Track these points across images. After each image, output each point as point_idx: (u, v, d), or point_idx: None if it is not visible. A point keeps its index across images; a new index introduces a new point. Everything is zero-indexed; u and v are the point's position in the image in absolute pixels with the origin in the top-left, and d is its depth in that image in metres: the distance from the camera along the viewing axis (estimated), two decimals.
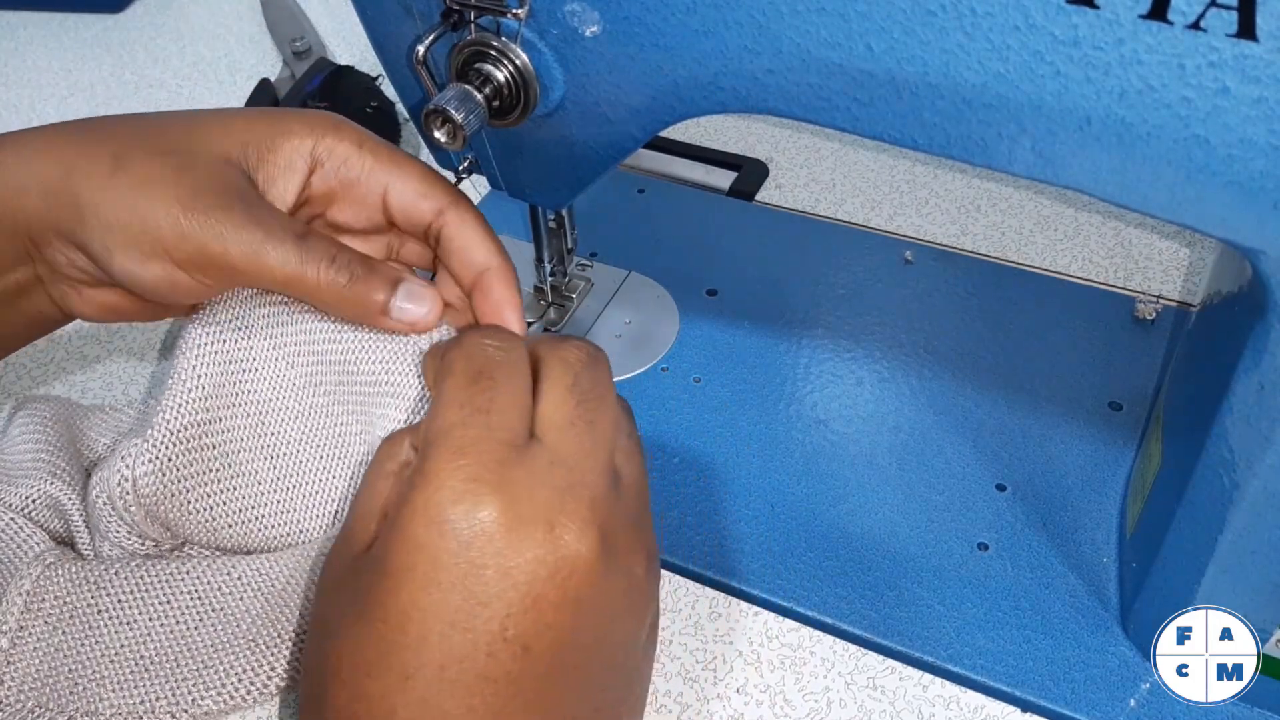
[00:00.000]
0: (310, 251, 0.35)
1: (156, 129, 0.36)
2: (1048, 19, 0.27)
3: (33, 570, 0.39)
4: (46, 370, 0.56)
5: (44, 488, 0.42)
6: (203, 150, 0.36)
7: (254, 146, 0.37)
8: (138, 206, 0.34)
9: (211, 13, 0.87)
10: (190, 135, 0.36)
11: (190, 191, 0.34)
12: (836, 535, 0.46)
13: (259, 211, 0.35)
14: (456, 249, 0.39)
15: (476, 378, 0.32)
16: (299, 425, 0.40)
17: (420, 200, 0.39)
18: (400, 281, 0.37)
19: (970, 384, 0.51)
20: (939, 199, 0.64)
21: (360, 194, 0.39)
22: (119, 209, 0.34)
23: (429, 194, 0.39)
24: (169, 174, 0.34)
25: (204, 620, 0.39)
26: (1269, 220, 0.28)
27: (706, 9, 0.32)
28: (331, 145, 0.38)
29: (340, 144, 0.38)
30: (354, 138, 0.38)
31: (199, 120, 0.37)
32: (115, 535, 0.40)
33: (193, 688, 0.37)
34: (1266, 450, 0.32)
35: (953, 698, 0.41)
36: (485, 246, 0.39)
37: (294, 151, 0.37)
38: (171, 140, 0.36)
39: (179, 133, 0.36)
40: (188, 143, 0.36)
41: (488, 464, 0.30)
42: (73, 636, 0.39)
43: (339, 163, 0.38)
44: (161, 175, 0.34)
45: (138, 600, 0.39)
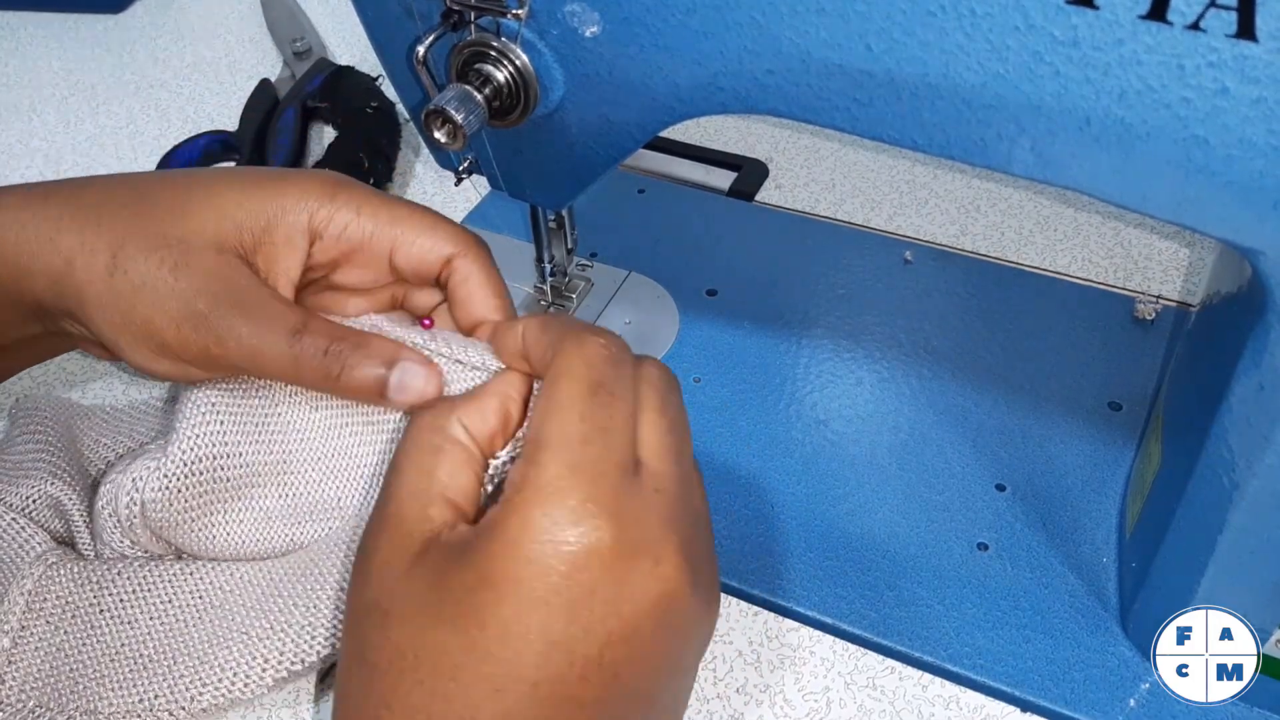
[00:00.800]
0: (304, 349, 0.35)
1: (149, 211, 0.36)
2: (1047, 19, 0.27)
3: (35, 570, 0.39)
4: (47, 370, 0.56)
5: (45, 488, 0.42)
6: (196, 240, 0.35)
7: (248, 229, 0.36)
8: (137, 311, 0.35)
9: (211, 13, 0.87)
10: (184, 221, 0.35)
11: (187, 298, 0.34)
12: (836, 535, 0.46)
13: (254, 310, 0.35)
14: (459, 300, 0.39)
15: (596, 389, 0.31)
16: (319, 465, 0.40)
17: (426, 255, 0.38)
18: (395, 363, 0.36)
19: (970, 384, 0.52)
20: (939, 199, 0.64)
21: (365, 258, 0.38)
22: (120, 313, 0.35)
23: (434, 246, 0.38)
24: (165, 276, 0.34)
25: (202, 617, 0.39)
26: (1268, 220, 0.28)
27: (706, 10, 0.32)
28: (329, 214, 0.37)
29: (338, 212, 0.37)
30: (351, 202, 0.37)
31: (191, 201, 0.36)
32: (117, 544, 0.40)
33: (190, 684, 0.37)
34: (1266, 450, 0.32)
35: (952, 697, 0.41)
36: (487, 303, 0.38)
37: (291, 228, 0.36)
38: (164, 229, 0.35)
39: (171, 218, 0.35)
40: (181, 232, 0.35)
41: (605, 487, 0.29)
42: (74, 636, 0.39)
43: (339, 230, 0.37)
44: (158, 278, 0.34)
45: (139, 600, 0.39)
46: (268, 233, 0.36)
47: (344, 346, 0.35)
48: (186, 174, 0.38)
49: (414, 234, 0.38)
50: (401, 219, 0.38)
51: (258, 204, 0.36)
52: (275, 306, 0.36)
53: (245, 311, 0.35)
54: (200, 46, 0.83)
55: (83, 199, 0.36)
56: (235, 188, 0.37)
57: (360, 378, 0.35)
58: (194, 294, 0.34)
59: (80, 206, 0.36)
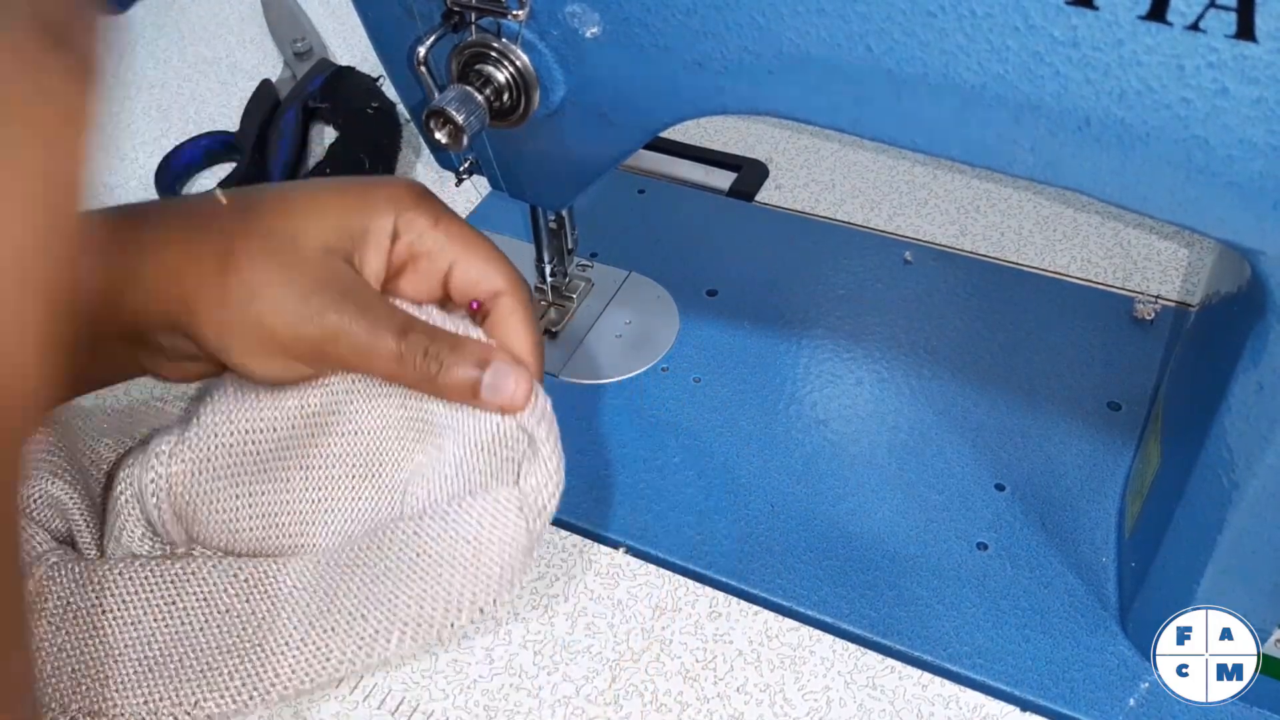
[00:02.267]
0: (410, 347, 0.37)
1: (255, 216, 0.37)
2: (1047, 20, 0.27)
3: (36, 570, 0.39)
4: None
5: (45, 487, 0.42)
6: (304, 242, 0.36)
7: (349, 232, 0.37)
8: (250, 310, 0.35)
9: (212, 13, 0.87)
10: (289, 224, 0.37)
11: (301, 295, 0.35)
12: (836, 535, 0.46)
13: (366, 309, 0.37)
14: (497, 336, 0.40)
15: None
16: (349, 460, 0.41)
17: (479, 282, 0.40)
18: (489, 363, 0.38)
19: (969, 384, 0.52)
20: (938, 199, 0.64)
21: (426, 268, 0.39)
22: (233, 313, 0.35)
23: (489, 278, 0.39)
24: (277, 275, 0.35)
25: (209, 622, 0.39)
26: (1268, 221, 0.28)
27: (707, 10, 0.32)
28: (411, 219, 0.38)
29: (418, 218, 0.39)
30: (430, 214, 0.39)
31: (293, 204, 0.37)
32: (128, 538, 0.40)
33: (195, 689, 0.37)
34: (1265, 450, 0.32)
35: (952, 697, 0.41)
36: (522, 346, 0.40)
37: (380, 232, 0.38)
38: (272, 232, 0.36)
39: (277, 222, 0.37)
40: (288, 233, 0.36)
41: None
42: (76, 636, 0.39)
43: (414, 236, 0.39)
44: (270, 278, 0.35)
45: (142, 600, 0.39)
46: (364, 236, 0.38)
47: (441, 347, 0.37)
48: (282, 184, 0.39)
49: (474, 258, 0.39)
50: (467, 240, 0.39)
51: (355, 209, 0.38)
52: (384, 306, 0.37)
53: (359, 309, 0.36)
54: (201, 47, 0.83)
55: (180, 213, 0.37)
56: (333, 192, 0.38)
57: (456, 378, 0.37)
58: (309, 291, 0.35)
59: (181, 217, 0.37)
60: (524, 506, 0.38)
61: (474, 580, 0.38)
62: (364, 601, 0.38)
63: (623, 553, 0.46)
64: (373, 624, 0.38)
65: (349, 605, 0.38)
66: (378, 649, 0.38)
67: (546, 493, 0.38)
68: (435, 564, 0.38)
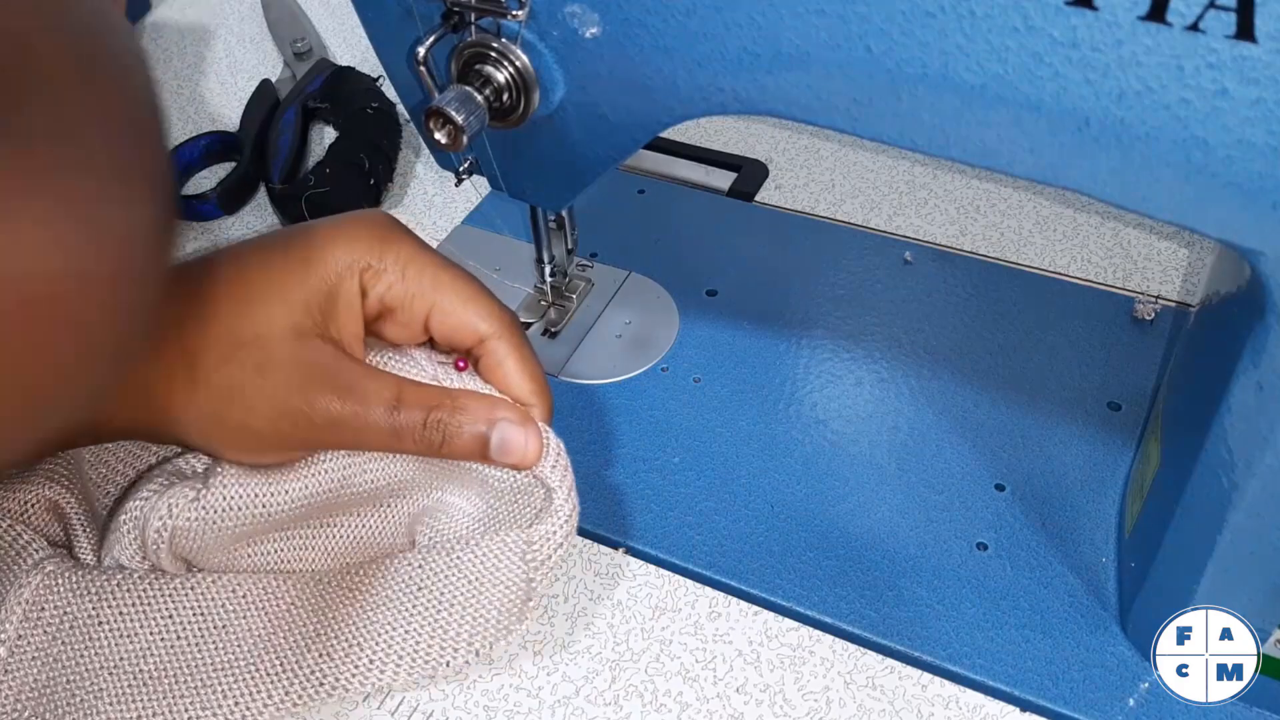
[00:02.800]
0: (403, 423, 0.35)
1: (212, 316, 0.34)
2: (1046, 20, 0.27)
3: (32, 578, 0.39)
4: None
5: (43, 492, 0.41)
6: (270, 333, 0.34)
7: (314, 306, 0.35)
8: (229, 418, 0.34)
9: (212, 13, 0.87)
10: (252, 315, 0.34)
11: (279, 396, 0.34)
12: (836, 535, 0.46)
13: (350, 391, 0.34)
14: (494, 381, 0.38)
15: None
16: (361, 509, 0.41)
17: (461, 328, 0.37)
18: (495, 422, 0.36)
19: (969, 384, 0.52)
20: (938, 199, 0.64)
21: (404, 318, 0.37)
22: (211, 422, 0.34)
23: (471, 323, 0.37)
24: (250, 379, 0.34)
25: (205, 638, 0.38)
26: (1268, 221, 0.28)
27: (706, 11, 0.32)
28: (376, 273, 0.36)
29: (385, 271, 0.36)
30: (398, 263, 0.36)
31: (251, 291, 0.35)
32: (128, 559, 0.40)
33: (190, 705, 0.37)
34: (1265, 451, 0.32)
35: (952, 697, 0.41)
36: (521, 388, 0.38)
37: (349, 293, 0.36)
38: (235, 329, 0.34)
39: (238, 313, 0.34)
40: (252, 327, 0.34)
41: None
42: (72, 647, 0.38)
43: (383, 290, 0.36)
44: (243, 383, 0.34)
45: (139, 613, 0.39)
46: (331, 302, 0.35)
47: (441, 414, 0.35)
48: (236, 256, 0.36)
49: (453, 304, 0.37)
50: (443, 285, 0.37)
51: (316, 278, 0.35)
52: (368, 383, 0.35)
53: (343, 395, 0.34)
54: (201, 47, 0.83)
55: None
56: (291, 264, 0.35)
57: (463, 444, 0.36)
58: (286, 390, 0.34)
59: None
60: (527, 556, 0.38)
61: (471, 621, 0.38)
62: (362, 629, 0.38)
63: (622, 553, 0.46)
64: (369, 653, 0.38)
65: (347, 631, 0.38)
66: (372, 678, 0.38)
67: (552, 543, 0.38)
68: (435, 600, 0.38)
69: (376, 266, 0.36)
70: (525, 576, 0.38)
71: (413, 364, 0.38)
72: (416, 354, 0.39)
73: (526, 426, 0.36)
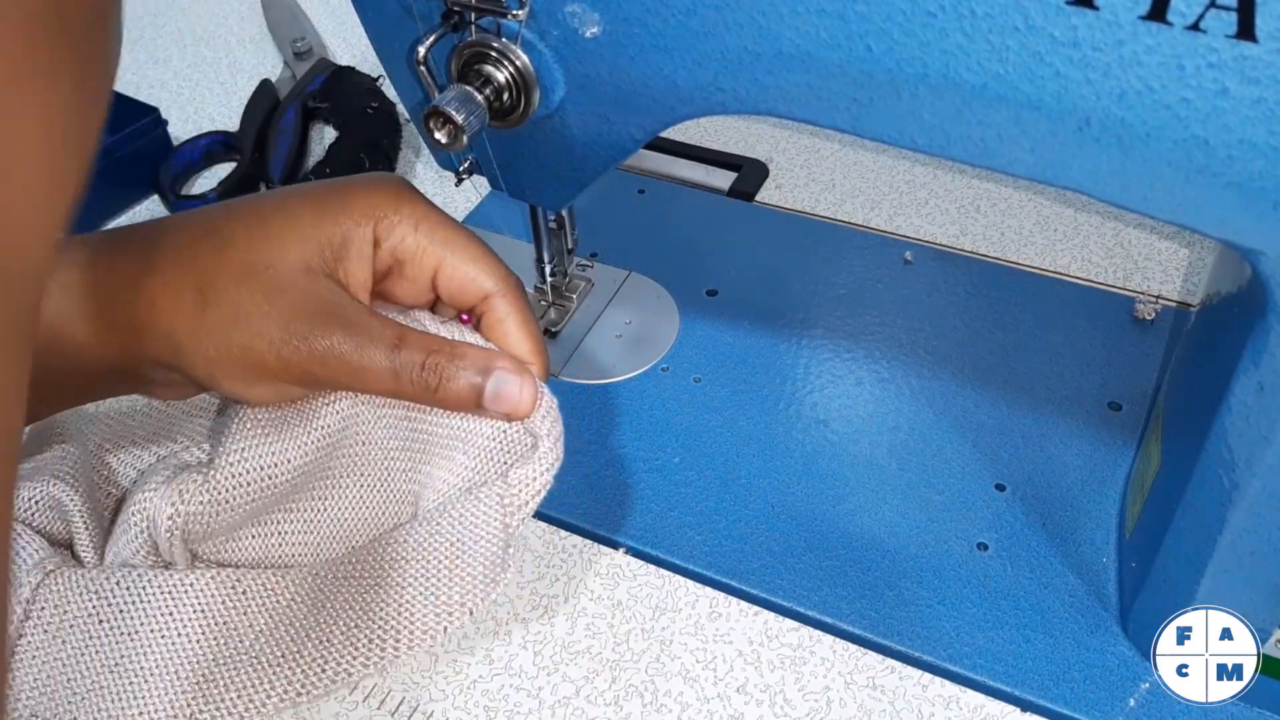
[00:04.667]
0: (403, 362, 0.36)
1: (229, 246, 0.35)
2: (1047, 20, 0.27)
3: (32, 578, 0.39)
4: None
5: (47, 489, 0.41)
6: (282, 265, 0.35)
7: (329, 246, 0.36)
8: (234, 341, 0.35)
9: (212, 13, 0.87)
10: (266, 250, 0.35)
11: (284, 321, 0.35)
12: (836, 535, 0.46)
13: (353, 327, 0.35)
14: (494, 339, 0.39)
15: None
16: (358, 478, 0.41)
17: (468, 284, 0.38)
18: (491, 370, 0.37)
19: (970, 384, 0.52)
20: (939, 199, 0.64)
21: (413, 272, 0.38)
22: (217, 345, 0.35)
23: (477, 280, 0.38)
24: (259, 303, 0.35)
25: (206, 634, 0.38)
26: (1268, 221, 0.28)
27: (706, 10, 0.32)
28: (390, 224, 0.37)
29: (399, 223, 0.37)
30: (412, 216, 0.38)
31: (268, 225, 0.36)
32: (128, 552, 0.40)
33: (191, 701, 0.37)
34: (1266, 450, 0.32)
35: (952, 697, 0.41)
36: (521, 346, 0.39)
37: (362, 240, 0.37)
38: (249, 258, 0.35)
39: (253, 244, 0.35)
40: (265, 257, 0.35)
41: None
42: (72, 645, 0.38)
43: (396, 242, 0.37)
44: (252, 306, 0.34)
45: (139, 611, 0.39)
46: (344, 247, 0.36)
47: (440, 359, 0.36)
48: (254, 201, 0.37)
49: (460, 260, 0.38)
50: (452, 242, 0.38)
51: (332, 221, 0.36)
52: (372, 321, 0.36)
53: (346, 327, 0.35)
54: (200, 46, 0.83)
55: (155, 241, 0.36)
56: (309, 207, 0.37)
57: (457, 390, 0.36)
58: (293, 315, 0.35)
59: (155, 248, 0.36)
60: (505, 501, 0.38)
61: (459, 583, 0.38)
62: (360, 613, 0.38)
63: (623, 553, 0.46)
64: (367, 634, 0.38)
65: (345, 617, 0.38)
66: (373, 658, 0.38)
67: (531, 489, 0.38)
68: (423, 570, 0.38)
69: (391, 218, 0.37)
70: (503, 524, 0.37)
71: (418, 321, 0.39)
72: (422, 315, 0.39)
73: (523, 377, 0.37)
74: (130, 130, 0.65)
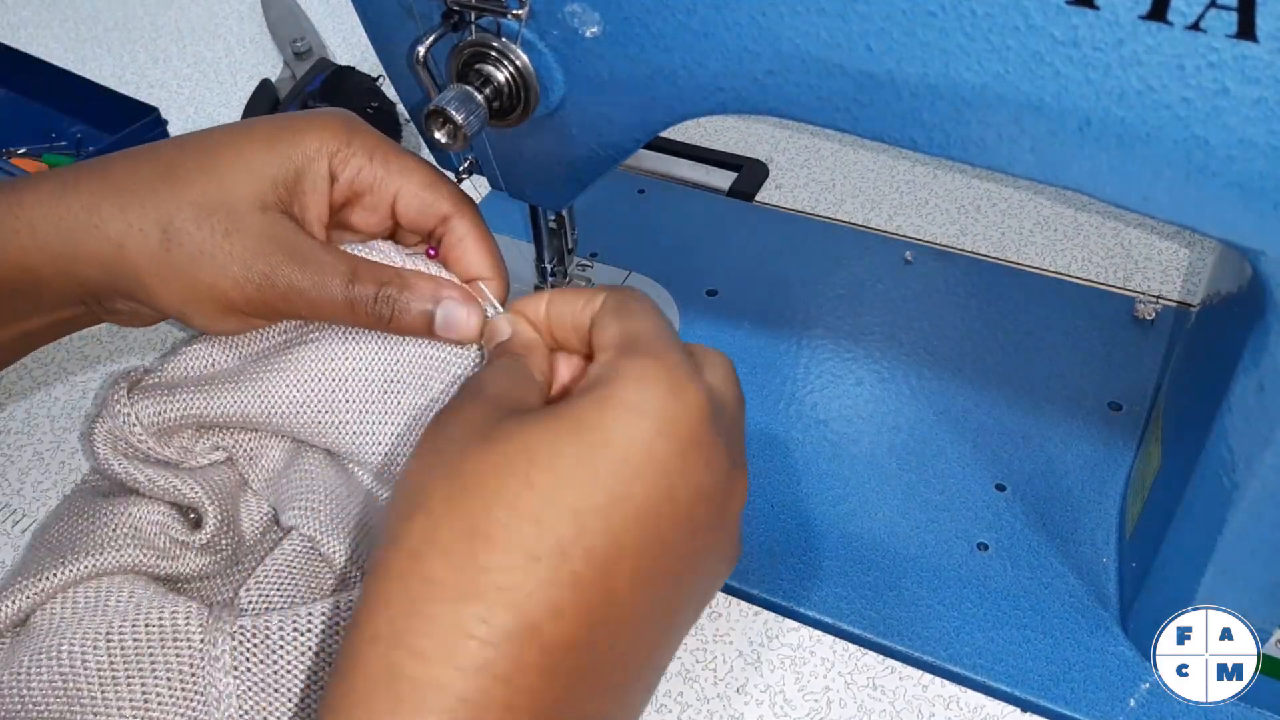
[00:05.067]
0: (357, 295, 0.37)
1: (184, 180, 0.37)
2: (1047, 20, 0.27)
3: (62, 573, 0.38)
4: (47, 371, 0.56)
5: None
6: (238, 205, 0.37)
7: (282, 183, 0.37)
8: (200, 279, 0.36)
9: (212, 13, 0.87)
10: (221, 188, 0.37)
11: (243, 259, 0.36)
12: (836, 535, 0.46)
13: (309, 263, 0.37)
14: (454, 258, 0.40)
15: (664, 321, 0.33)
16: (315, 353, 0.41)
17: (425, 209, 0.40)
18: (440, 301, 0.38)
19: (970, 384, 0.52)
20: (939, 199, 0.64)
21: (371, 202, 0.40)
22: (183, 282, 0.36)
23: (434, 202, 0.40)
24: (220, 243, 0.36)
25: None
26: (1269, 220, 0.28)
27: (707, 10, 0.32)
28: (345, 158, 0.38)
29: (353, 156, 0.39)
30: (365, 148, 0.39)
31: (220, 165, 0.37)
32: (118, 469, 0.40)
33: None
34: (1266, 450, 0.32)
35: (953, 697, 0.41)
36: (481, 260, 0.40)
37: (316, 175, 0.38)
38: (206, 200, 0.36)
39: (208, 183, 0.37)
40: (221, 196, 0.36)
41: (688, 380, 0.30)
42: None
43: (353, 174, 0.39)
44: (214, 247, 0.36)
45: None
46: (298, 183, 0.38)
47: (391, 290, 0.38)
48: (205, 136, 0.38)
49: (416, 187, 0.39)
50: (407, 170, 0.39)
51: (284, 157, 0.37)
52: (326, 258, 0.37)
53: (302, 265, 0.37)
54: (200, 46, 0.83)
55: (112, 179, 0.37)
56: (259, 143, 0.38)
57: (410, 319, 0.38)
58: (252, 255, 0.36)
59: (114, 188, 0.37)
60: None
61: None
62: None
63: None
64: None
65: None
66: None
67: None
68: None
69: (345, 152, 0.38)
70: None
71: (382, 257, 0.40)
72: (385, 247, 0.40)
73: (469, 304, 0.39)
74: (130, 130, 0.65)
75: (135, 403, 0.40)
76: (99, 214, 0.36)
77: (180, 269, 0.36)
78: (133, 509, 0.40)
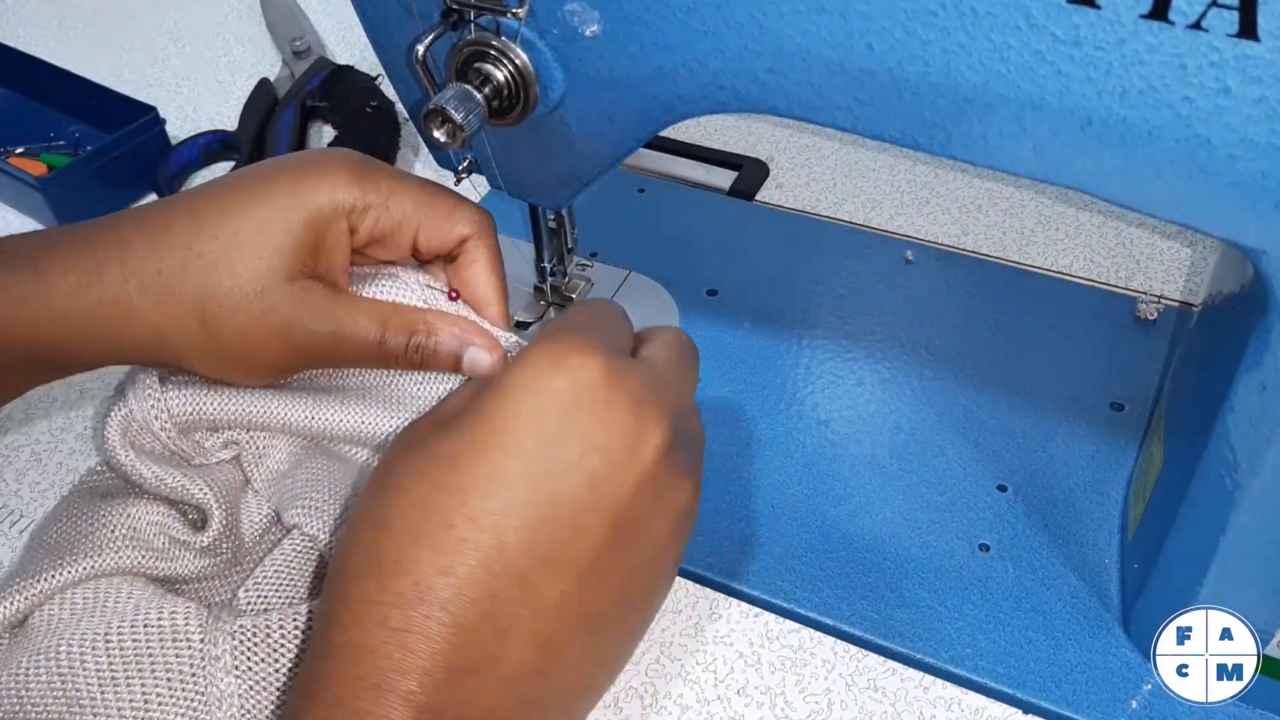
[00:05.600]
0: (390, 348, 0.39)
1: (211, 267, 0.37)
2: (1049, 19, 0.27)
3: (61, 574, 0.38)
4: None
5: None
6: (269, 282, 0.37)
7: (305, 249, 0.38)
8: (238, 355, 0.38)
9: (211, 13, 0.87)
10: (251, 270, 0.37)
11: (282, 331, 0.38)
12: (837, 536, 0.46)
13: (345, 327, 0.39)
14: (464, 279, 0.42)
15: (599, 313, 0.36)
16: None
17: (445, 239, 0.41)
18: (466, 345, 0.40)
19: (971, 384, 0.51)
20: (939, 199, 0.64)
21: (392, 243, 0.40)
22: (225, 358, 0.38)
23: (453, 229, 0.41)
24: (256, 322, 0.37)
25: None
26: (1270, 220, 0.28)
27: (707, 8, 0.32)
28: (362, 212, 0.39)
29: (370, 208, 0.39)
30: (380, 195, 0.39)
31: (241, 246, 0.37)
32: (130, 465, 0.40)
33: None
34: (1268, 450, 0.32)
35: (954, 699, 0.41)
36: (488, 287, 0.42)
37: (336, 233, 0.38)
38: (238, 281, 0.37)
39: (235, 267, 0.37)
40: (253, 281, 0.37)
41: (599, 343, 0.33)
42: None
43: (371, 224, 0.39)
44: (251, 326, 0.37)
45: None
46: (320, 244, 0.38)
47: (420, 339, 0.40)
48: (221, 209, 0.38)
49: (437, 221, 0.40)
50: (425, 206, 0.40)
51: (302, 226, 0.38)
52: (358, 318, 0.39)
53: (337, 329, 0.38)
54: (200, 46, 0.83)
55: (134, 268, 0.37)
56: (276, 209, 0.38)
57: (439, 364, 0.41)
58: (288, 327, 0.38)
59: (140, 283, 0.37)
60: None
61: None
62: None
63: None
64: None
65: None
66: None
67: None
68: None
69: (361, 203, 0.39)
70: None
71: (403, 288, 0.41)
72: (405, 276, 0.41)
73: (493, 353, 0.41)
74: (128, 129, 0.65)
75: (167, 391, 0.40)
76: (131, 308, 0.37)
77: (221, 349, 0.38)
78: (131, 509, 0.40)
